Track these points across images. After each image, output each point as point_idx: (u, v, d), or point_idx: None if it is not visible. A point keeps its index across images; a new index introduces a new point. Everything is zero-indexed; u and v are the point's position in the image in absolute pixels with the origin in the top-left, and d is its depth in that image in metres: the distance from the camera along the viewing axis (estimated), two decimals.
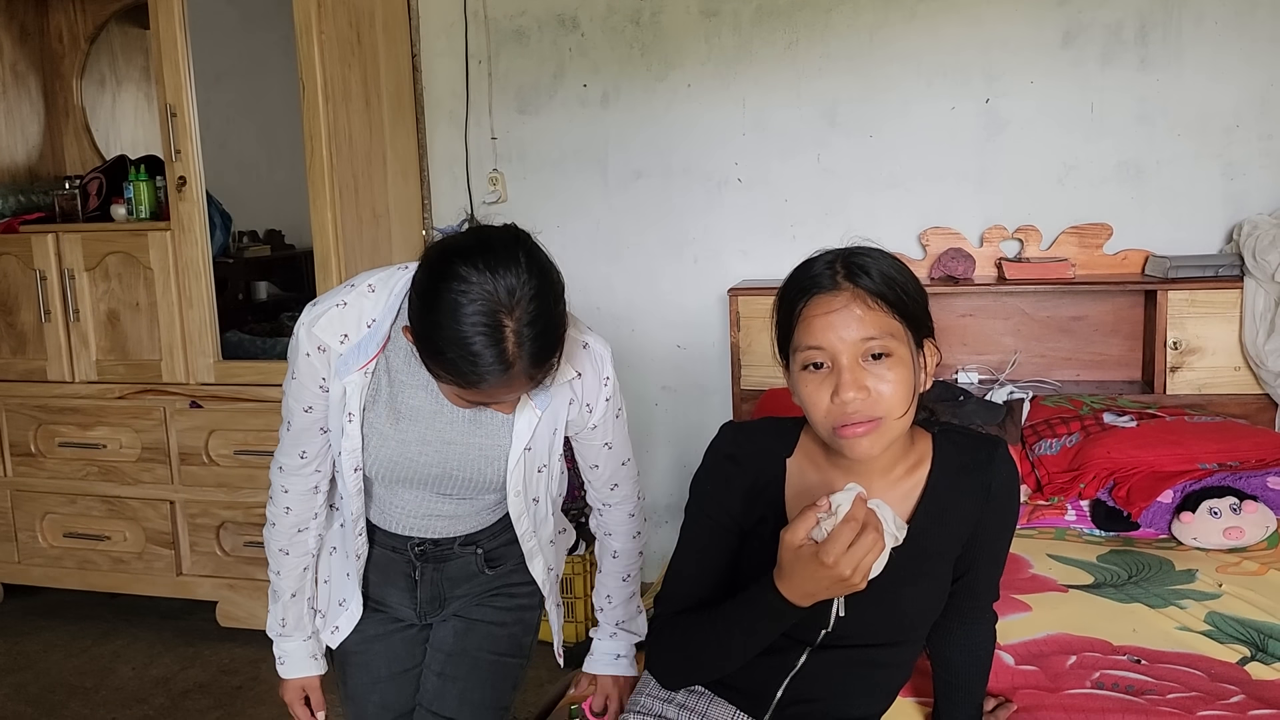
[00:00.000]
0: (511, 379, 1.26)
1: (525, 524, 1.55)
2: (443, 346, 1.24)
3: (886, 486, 1.29)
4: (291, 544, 1.59)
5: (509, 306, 1.23)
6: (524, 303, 1.24)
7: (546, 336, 1.27)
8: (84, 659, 3.13)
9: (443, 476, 1.50)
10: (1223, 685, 1.58)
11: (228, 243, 3.40)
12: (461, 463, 1.49)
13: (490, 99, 3.38)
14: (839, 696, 1.34)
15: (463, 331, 1.23)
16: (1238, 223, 2.83)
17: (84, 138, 3.75)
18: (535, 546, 1.60)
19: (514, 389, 1.31)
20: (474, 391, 1.29)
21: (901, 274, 1.24)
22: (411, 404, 1.47)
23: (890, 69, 3.05)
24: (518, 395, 1.36)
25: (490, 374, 1.25)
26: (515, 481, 1.49)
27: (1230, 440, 2.37)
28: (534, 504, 1.55)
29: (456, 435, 1.48)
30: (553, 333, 1.28)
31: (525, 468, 1.49)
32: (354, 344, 1.42)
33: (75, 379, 3.20)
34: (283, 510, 1.57)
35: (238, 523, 3.11)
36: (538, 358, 1.26)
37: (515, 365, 1.25)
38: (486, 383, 1.26)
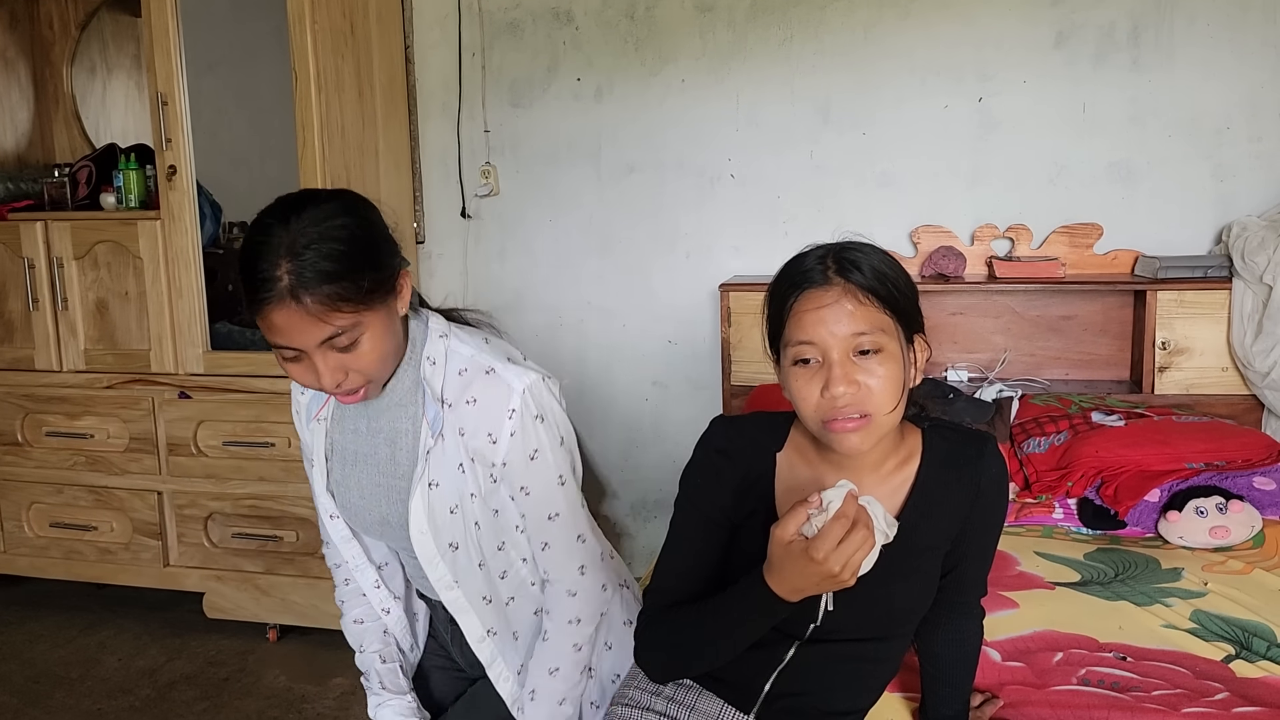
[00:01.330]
0: (285, 299, 1.22)
1: (440, 571, 1.44)
2: (239, 271, 1.27)
3: (876, 482, 1.29)
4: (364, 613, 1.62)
5: (280, 215, 1.26)
6: (302, 212, 1.26)
7: (318, 254, 1.23)
8: (70, 649, 3.12)
9: (381, 523, 1.49)
10: (1207, 683, 1.59)
11: (218, 233, 3.38)
12: (388, 505, 1.47)
13: (483, 92, 3.37)
14: (827, 690, 1.34)
15: (246, 248, 1.26)
16: (1227, 224, 2.84)
17: (74, 125, 3.73)
18: (460, 599, 1.47)
19: (298, 316, 1.24)
20: (265, 322, 1.26)
21: (892, 269, 1.24)
22: (350, 448, 1.49)
23: (884, 66, 3.05)
24: (312, 335, 1.25)
25: (262, 287, 1.22)
26: (418, 519, 1.41)
27: (1217, 440, 2.38)
28: (452, 550, 1.43)
29: (380, 476, 1.47)
30: (331, 256, 1.23)
31: (429, 504, 1.41)
32: (311, 395, 1.51)
33: (63, 368, 3.19)
34: (342, 581, 1.62)
35: (226, 514, 3.10)
36: (306, 273, 1.22)
37: (282, 278, 1.22)
38: (262, 299, 1.23)
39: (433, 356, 1.40)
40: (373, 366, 1.32)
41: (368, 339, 1.29)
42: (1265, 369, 2.62)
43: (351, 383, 1.32)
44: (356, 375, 1.31)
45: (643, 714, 1.39)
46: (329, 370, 1.29)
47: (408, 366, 1.41)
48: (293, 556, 3.06)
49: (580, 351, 3.40)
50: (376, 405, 1.44)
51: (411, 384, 1.42)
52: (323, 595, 3.02)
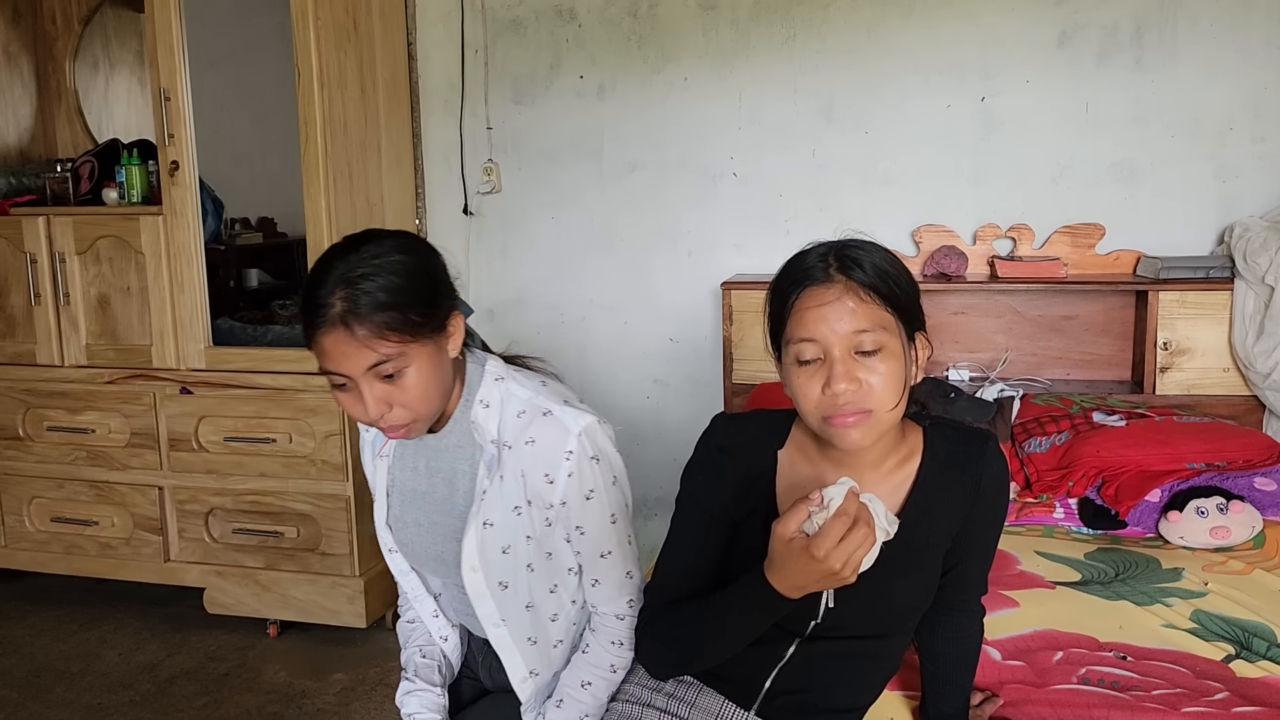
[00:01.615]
0: (337, 325, 1.27)
1: (487, 607, 1.46)
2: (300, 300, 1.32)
3: (877, 479, 1.29)
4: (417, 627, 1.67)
5: (343, 251, 1.32)
6: (362, 248, 1.31)
7: (374, 286, 1.27)
8: (70, 644, 3.13)
9: (436, 560, 1.52)
10: (1207, 682, 1.59)
11: (219, 229, 3.39)
12: (443, 543, 1.50)
13: (486, 89, 3.37)
14: (827, 687, 1.34)
15: (307, 278, 1.32)
16: (1229, 225, 2.84)
17: (76, 121, 3.73)
18: (505, 637, 1.48)
19: (347, 343, 1.28)
20: (318, 348, 1.30)
21: (894, 267, 1.24)
22: (409, 486, 1.54)
23: (887, 65, 3.05)
24: (358, 361, 1.29)
25: (317, 313, 1.27)
26: (469, 556, 1.43)
27: (1218, 441, 2.38)
28: (501, 590, 1.45)
29: (437, 515, 1.50)
30: (386, 289, 1.28)
31: (482, 543, 1.43)
32: (376, 431, 1.54)
33: (65, 363, 3.19)
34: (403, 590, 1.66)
35: (227, 509, 3.10)
36: (361, 303, 1.27)
37: (335, 305, 1.27)
38: (316, 324, 1.28)
39: (486, 400, 1.43)
40: (417, 402, 1.34)
41: (413, 373, 1.32)
42: (1267, 370, 2.62)
43: (395, 418, 1.34)
44: (401, 411, 1.33)
45: (643, 710, 1.39)
46: (374, 401, 1.31)
47: (464, 409, 1.45)
48: (293, 552, 3.06)
49: (581, 349, 3.41)
50: (435, 446, 1.49)
51: (468, 427, 1.45)
52: (323, 591, 3.03)
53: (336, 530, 3.01)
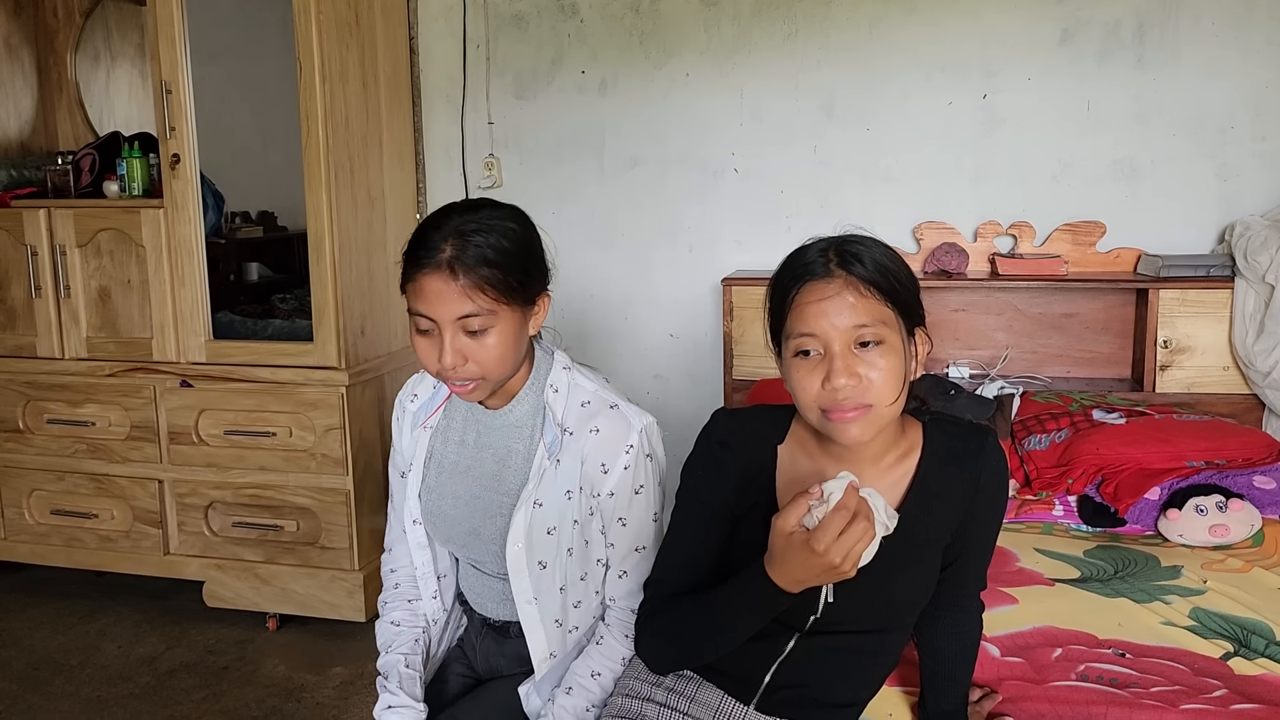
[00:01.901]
0: (443, 268, 1.34)
1: (523, 583, 1.49)
2: (408, 243, 1.40)
3: (877, 474, 1.29)
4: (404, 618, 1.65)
5: (461, 209, 1.40)
6: (479, 211, 1.40)
7: (484, 243, 1.35)
8: (69, 636, 3.13)
9: (471, 534, 1.54)
10: (1205, 680, 1.59)
11: (220, 223, 3.39)
12: (483, 518, 1.53)
13: (488, 84, 3.37)
14: (826, 682, 1.34)
15: (421, 226, 1.41)
16: (1230, 223, 2.84)
17: (77, 113, 3.73)
18: (534, 615, 1.51)
19: (447, 287, 1.34)
20: (415, 288, 1.37)
21: (894, 262, 1.24)
22: (452, 459, 1.57)
23: (889, 62, 3.05)
24: (452, 308, 1.35)
25: (426, 254, 1.35)
26: (517, 532, 1.46)
27: (1218, 439, 2.38)
28: (539, 569, 1.49)
29: (480, 490, 1.54)
30: (494, 248, 1.36)
31: (530, 521, 1.47)
32: (421, 402, 1.60)
33: (65, 355, 3.19)
34: (392, 586, 1.67)
35: (226, 503, 3.10)
36: (469, 253, 1.34)
37: (445, 250, 1.35)
38: (422, 264, 1.35)
39: (556, 385, 1.49)
40: (491, 363, 1.39)
41: (496, 334, 1.38)
42: (1266, 368, 2.62)
43: (467, 371, 1.39)
44: (474, 366, 1.39)
45: (643, 704, 1.39)
46: (452, 351, 1.37)
47: (529, 391, 1.51)
48: (293, 546, 3.06)
49: (581, 344, 3.41)
50: (490, 423, 1.53)
51: (531, 408, 1.51)
52: (323, 585, 3.03)
53: (336, 524, 3.01)
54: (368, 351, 3.08)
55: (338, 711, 2.68)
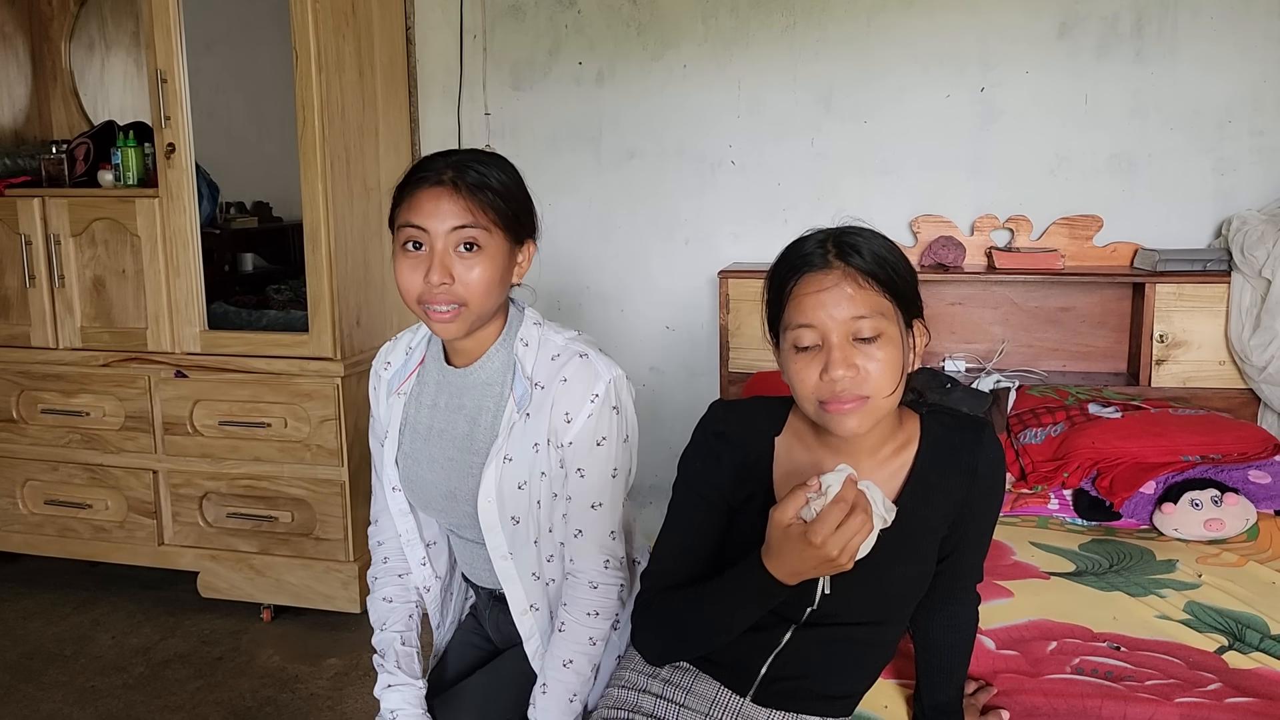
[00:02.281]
0: (445, 184, 1.39)
1: (497, 539, 1.49)
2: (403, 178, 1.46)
3: (874, 466, 1.29)
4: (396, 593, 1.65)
5: (461, 150, 1.47)
6: (477, 152, 1.46)
7: (485, 171, 1.41)
8: (63, 627, 3.12)
9: (448, 497, 1.54)
10: (1200, 673, 1.60)
11: (215, 213, 3.37)
12: (458, 479, 1.52)
13: (484, 74, 3.36)
14: (822, 674, 1.34)
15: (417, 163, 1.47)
16: (1227, 218, 2.84)
17: (72, 102, 3.71)
18: (511, 570, 1.51)
19: (447, 200, 1.39)
20: (411, 203, 1.41)
21: (892, 254, 1.24)
22: (425, 423, 1.57)
23: (887, 55, 3.05)
24: (450, 217, 1.39)
25: (428, 174, 1.41)
26: (488, 487, 1.46)
27: (1213, 433, 2.38)
28: (513, 524, 1.48)
29: (455, 452, 1.53)
30: (495, 179, 1.42)
31: (500, 477, 1.46)
32: (395, 369, 1.60)
33: (59, 345, 3.18)
34: (380, 560, 1.67)
35: (221, 494, 3.10)
36: (469, 176, 1.40)
37: (448, 172, 1.40)
38: (423, 181, 1.40)
39: (526, 339, 1.49)
40: (476, 287, 1.40)
41: (486, 257, 1.41)
42: (1262, 363, 2.63)
43: (451, 293, 1.40)
44: (459, 288, 1.40)
45: (639, 695, 1.39)
46: (440, 267, 1.39)
47: (500, 348, 1.51)
48: (288, 537, 3.06)
49: None
50: (460, 383, 1.53)
51: (501, 365, 1.51)
52: (317, 576, 3.03)
53: (331, 515, 3.00)
54: (363, 342, 3.07)
55: (332, 702, 2.68)
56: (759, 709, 1.35)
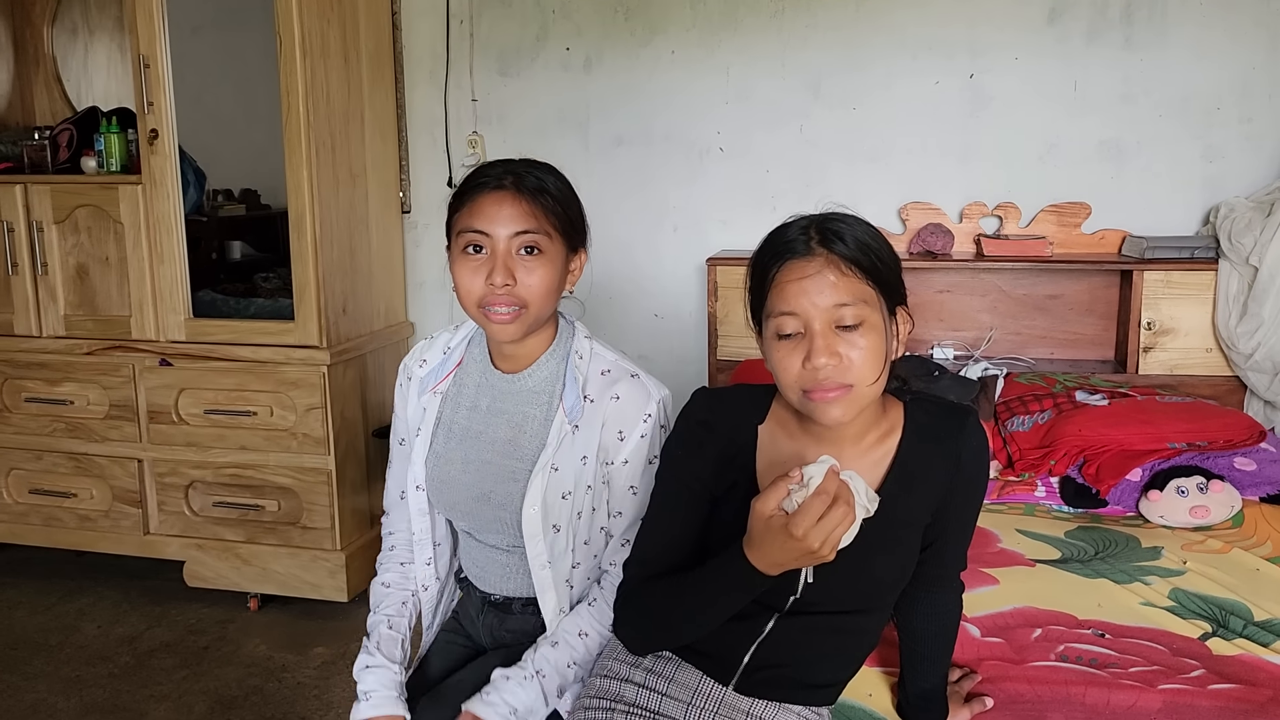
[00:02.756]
0: (506, 189, 1.43)
1: (538, 548, 1.50)
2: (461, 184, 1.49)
3: (857, 454, 1.29)
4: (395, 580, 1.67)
5: (514, 160, 1.50)
6: (531, 162, 1.49)
7: (543, 178, 1.46)
8: (48, 616, 3.11)
9: (479, 500, 1.55)
10: (1184, 660, 1.60)
11: (201, 201, 3.35)
12: (494, 483, 1.53)
13: (471, 60, 3.33)
14: (806, 663, 1.34)
15: (473, 171, 1.50)
16: (1215, 205, 2.84)
17: (54, 87, 3.68)
18: (547, 578, 1.52)
19: (509, 205, 1.42)
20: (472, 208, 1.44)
21: (876, 240, 1.23)
22: (462, 424, 1.58)
23: (876, 41, 3.03)
24: (513, 221, 1.42)
25: (489, 180, 1.44)
26: (534, 495, 1.48)
27: (1200, 420, 2.39)
28: (554, 532, 1.50)
29: (492, 455, 1.54)
30: (552, 185, 1.47)
31: (547, 486, 1.48)
32: (431, 368, 1.61)
33: (42, 333, 3.15)
34: (389, 548, 1.70)
35: (207, 483, 3.08)
36: (528, 182, 1.44)
37: (508, 179, 1.43)
38: (484, 187, 1.43)
39: (580, 353, 1.53)
40: (536, 291, 1.44)
41: (545, 263, 1.45)
42: (1249, 350, 2.63)
43: (513, 295, 1.43)
44: (520, 290, 1.43)
45: (621, 685, 1.38)
46: (503, 269, 1.42)
47: (552, 357, 1.54)
48: (274, 526, 3.05)
49: None
50: (506, 388, 1.55)
51: (550, 375, 1.53)
52: (304, 565, 3.02)
53: (318, 504, 2.99)
54: (349, 330, 3.06)
55: (319, 691, 2.67)
56: (742, 698, 1.35)
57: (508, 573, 1.58)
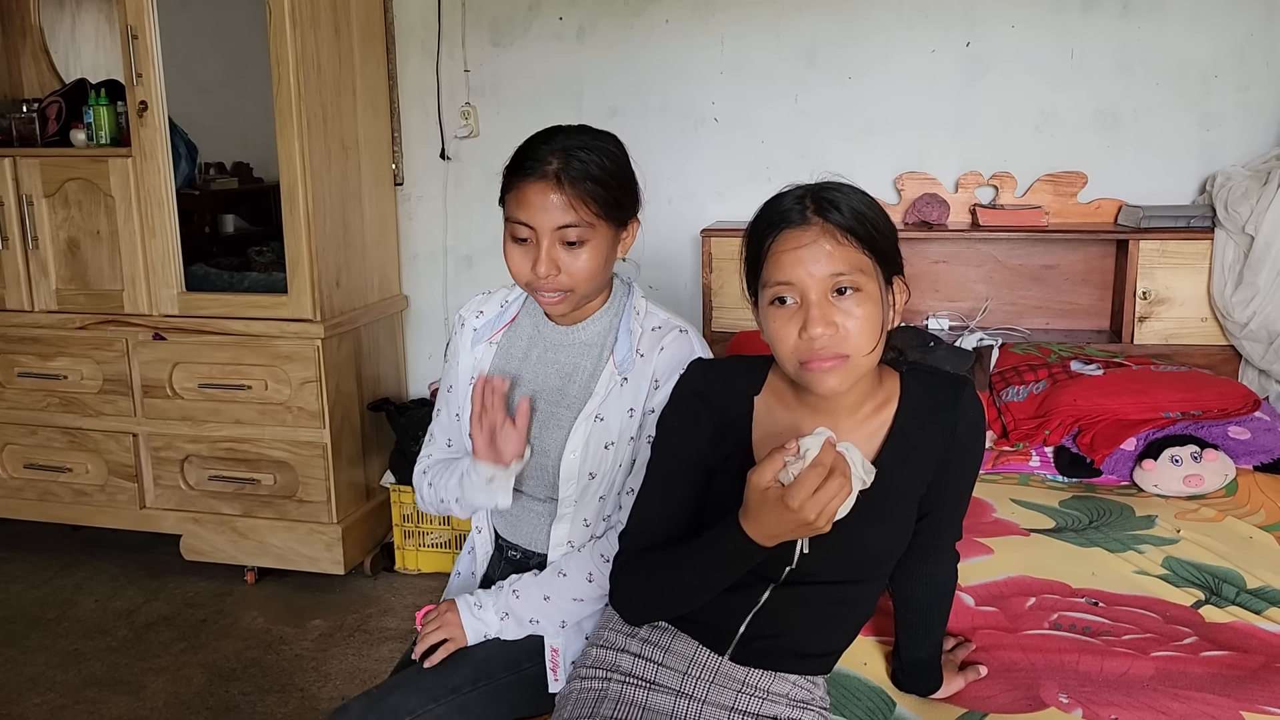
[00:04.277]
0: (549, 179, 1.42)
1: (571, 488, 1.53)
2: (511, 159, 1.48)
3: (854, 425, 1.29)
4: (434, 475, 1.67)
5: (568, 130, 1.48)
6: (582, 133, 1.48)
7: (589, 160, 1.43)
8: (45, 590, 3.12)
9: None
10: (1176, 627, 1.61)
11: (194, 174, 3.32)
12: (539, 429, 1.56)
13: (463, 30, 3.30)
14: (801, 633, 1.35)
15: (524, 144, 1.48)
16: (1211, 174, 2.83)
17: (42, 60, 3.63)
18: (569, 515, 1.55)
19: (551, 197, 1.42)
20: (518, 196, 1.44)
21: (871, 209, 1.23)
22: (513, 373, 1.60)
23: (871, 10, 3.00)
24: (554, 217, 1.42)
25: (533, 164, 1.43)
26: (576, 442, 1.51)
27: (1194, 390, 2.39)
28: (589, 478, 1.53)
29: (540, 404, 1.57)
30: (598, 165, 1.44)
31: (590, 434, 1.51)
32: (487, 319, 1.64)
33: (35, 308, 3.14)
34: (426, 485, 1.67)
35: (202, 456, 3.08)
36: (574, 167, 1.42)
37: (553, 163, 1.42)
38: (528, 174, 1.43)
39: (638, 309, 1.57)
40: (583, 276, 1.46)
41: (591, 249, 1.46)
42: (1244, 319, 2.63)
43: (558, 283, 1.46)
44: (565, 278, 1.45)
45: (618, 655, 1.39)
46: (548, 259, 1.44)
47: (605, 313, 1.57)
48: (270, 499, 3.05)
49: None
50: (559, 340, 1.58)
51: (604, 329, 1.57)
52: (300, 538, 3.02)
53: (314, 477, 3.00)
54: (343, 304, 3.05)
55: (317, 663, 2.69)
56: (737, 667, 1.35)
57: (540, 523, 1.60)
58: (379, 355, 3.27)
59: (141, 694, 2.56)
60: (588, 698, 1.37)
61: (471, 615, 1.57)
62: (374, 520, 3.20)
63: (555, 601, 1.54)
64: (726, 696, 1.35)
